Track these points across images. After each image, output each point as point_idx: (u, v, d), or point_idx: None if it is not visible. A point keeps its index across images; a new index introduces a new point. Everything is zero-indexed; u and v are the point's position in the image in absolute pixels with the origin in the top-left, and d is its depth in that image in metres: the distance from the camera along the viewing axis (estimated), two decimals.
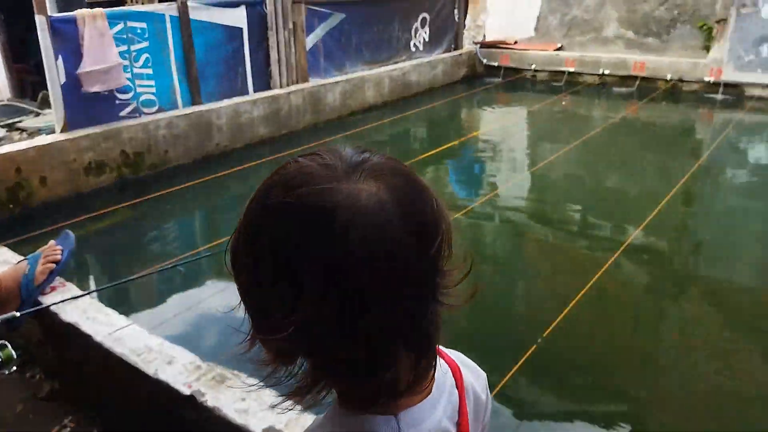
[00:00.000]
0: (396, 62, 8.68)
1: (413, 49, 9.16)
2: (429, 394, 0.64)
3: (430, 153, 6.30)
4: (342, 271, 0.51)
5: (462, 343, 2.88)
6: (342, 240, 0.51)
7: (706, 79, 8.18)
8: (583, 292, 3.51)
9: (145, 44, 5.62)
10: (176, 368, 1.63)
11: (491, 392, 2.62)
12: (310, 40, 7.25)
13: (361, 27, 8.03)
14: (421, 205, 0.56)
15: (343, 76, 7.64)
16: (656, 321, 3.50)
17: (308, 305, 0.52)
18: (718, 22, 8.30)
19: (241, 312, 0.60)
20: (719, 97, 8.01)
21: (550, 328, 3.18)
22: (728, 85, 8.03)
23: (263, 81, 6.76)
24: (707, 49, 8.50)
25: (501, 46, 10.14)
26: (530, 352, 3.00)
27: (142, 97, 5.67)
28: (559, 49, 9.79)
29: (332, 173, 0.55)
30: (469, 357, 0.81)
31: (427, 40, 9.41)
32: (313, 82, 7.18)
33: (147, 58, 5.66)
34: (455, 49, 10.03)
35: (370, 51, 8.30)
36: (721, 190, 5.28)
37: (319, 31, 7.38)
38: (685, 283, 3.86)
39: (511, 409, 2.70)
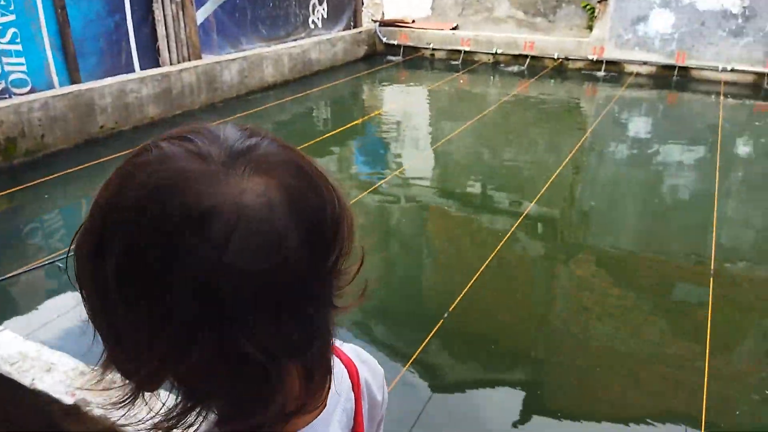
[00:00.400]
0: (295, 39, 8.45)
1: (312, 26, 8.96)
2: (323, 408, 0.57)
3: (333, 132, 6.21)
4: (219, 288, 0.42)
5: (375, 320, 2.88)
6: (220, 252, 0.42)
7: (590, 57, 8.71)
8: (485, 263, 3.64)
9: (11, 18, 5.03)
10: (57, 376, 1.47)
11: (405, 366, 2.63)
12: (201, 14, 6.85)
13: (256, 1, 7.70)
14: (319, 206, 0.48)
15: (239, 53, 7.31)
16: (552, 286, 3.71)
17: (176, 331, 0.43)
18: (599, 2, 8.84)
19: None
20: (602, 74, 8.57)
21: (458, 299, 3.26)
22: (610, 63, 8.61)
23: (151, 58, 6.31)
24: (590, 28, 9.04)
25: (399, 24, 10.17)
26: (439, 325, 3.07)
27: (12, 77, 5.10)
28: (454, 28, 9.99)
29: (207, 166, 0.44)
30: (381, 333, 0.76)
31: (325, 16, 9.23)
32: (207, 59, 6.81)
33: (15, 32, 5.08)
34: (355, 27, 9.93)
35: (267, 27, 8.00)
36: (605, 161, 5.67)
37: (210, 5, 6.99)
38: (576, 250, 4.11)
39: (425, 380, 2.76)
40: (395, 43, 10.00)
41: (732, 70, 7.92)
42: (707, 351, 2.88)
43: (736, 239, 4.09)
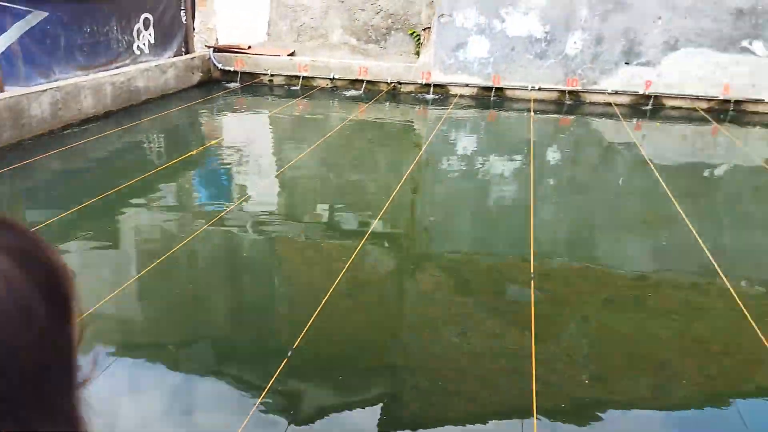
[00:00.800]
0: (118, 67, 7.90)
1: (137, 52, 8.45)
2: None
3: (169, 164, 5.88)
4: None
5: (223, 358, 2.74)
6: None
7: (419, 81, 9.32)
8: (334, 285, 3.67)
9: None
10: None
11: (256, 402, 2.52)
12: (2, 43, 6.12)
13: (70, 27, 7.08)
14: (51, 264, 0.42)
15: (51, 83, 6.64)
16: (400, 299, 3.85)
17: None
18: (424, 29, 9.51)
19: None
20: (431, 96, 9.20)
21: (308, 325, 3.24)
22: (437, 86, 9.28)
23: None
24: (418, 54, 9.68)
25: (235, 50, 10.01)
26: (290, 354, 3.02)
27: None
28: (291, 54, 10.08)
29: None
30: (230, 371, 0.69)
31: (152, 42, 8.78)
32: (11, 91, 6.07)
33: None
34: (187, 53, 9.57)
35: (85, 55, 7.38)
36: (440, 176, 6.07)
37: (14, 32, 6.28)
38: (420, 261, 4.32)
39: (279, 414, 2.68)
40: (232, 69, 9.81)
41: (539, 89, 8.97)
42: (533, 342, 3.18)
43: (550, 238, 4.60)
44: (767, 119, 8.08)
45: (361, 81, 9.49)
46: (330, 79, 9.63)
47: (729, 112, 8.34)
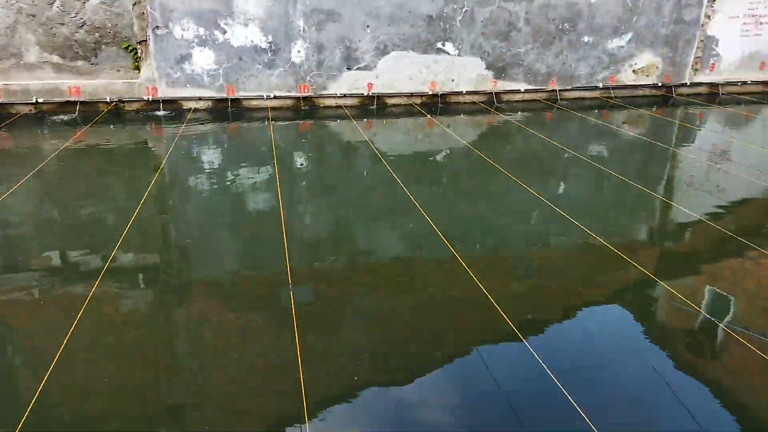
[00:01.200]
0: None
1: None
2: None
3: None
4: None
5: None
6: None
7: (145, 97, 8.62)
8: (67, 338, 3.15)
9: None
10: None
11: None
12: None
13: None
14: None
15: None
16: (168, 329, 3.50)
17: None
18: (140, 43, 8.80)
19: None
20: (161, 113, 8.60)
21: (35, 396, 2.72)
22: (167, 101, 8.71)
23: None
24: (138, 68, 8.93)
25: None
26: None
27: None
28: None
29: None
30: None
31: None
32: None
33: None
34: None
35: None
36: (186, 195, 5.69)
37: None
38: (183, 286, 3.98)
39: None
40: None
41: (275, 97, 9.09)
42: (297, 344, 3.20)
43: (307, 240, 4.69)
44: (467, 107, 9.56)
45: (75, 102, 8.38)
46: (33, 104, 8.28)
47: (438, 105, 9.63)
